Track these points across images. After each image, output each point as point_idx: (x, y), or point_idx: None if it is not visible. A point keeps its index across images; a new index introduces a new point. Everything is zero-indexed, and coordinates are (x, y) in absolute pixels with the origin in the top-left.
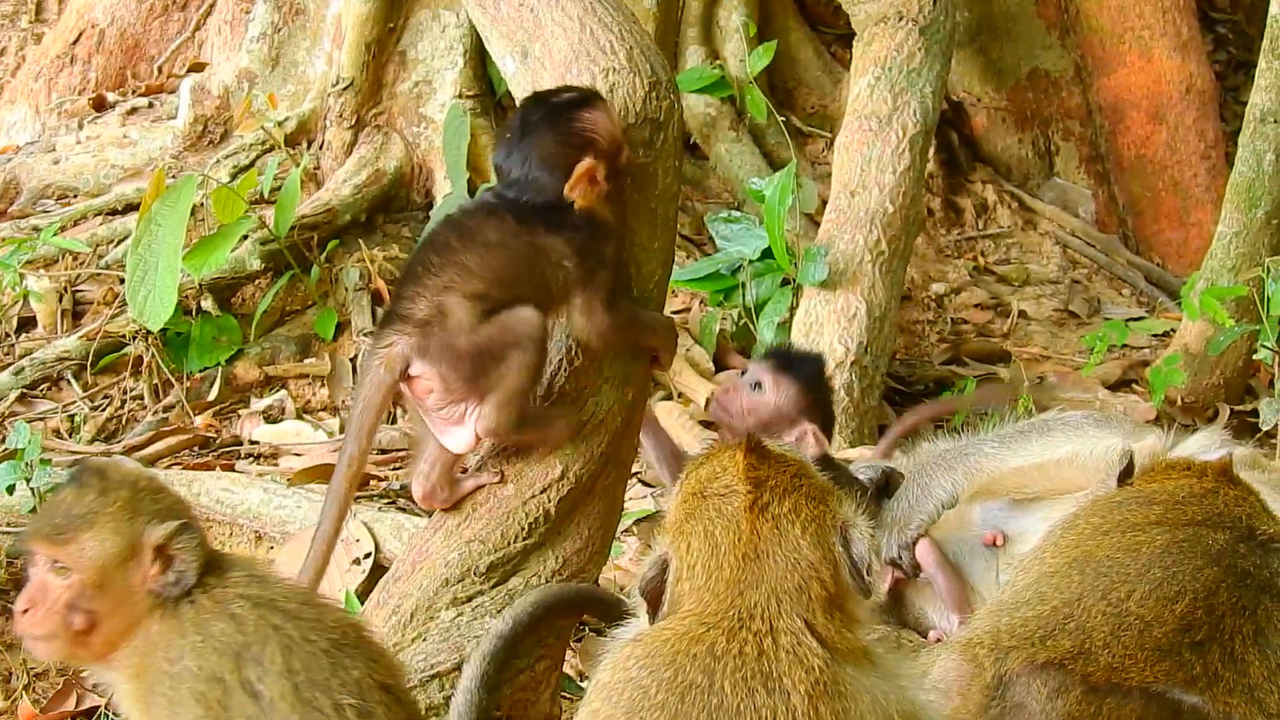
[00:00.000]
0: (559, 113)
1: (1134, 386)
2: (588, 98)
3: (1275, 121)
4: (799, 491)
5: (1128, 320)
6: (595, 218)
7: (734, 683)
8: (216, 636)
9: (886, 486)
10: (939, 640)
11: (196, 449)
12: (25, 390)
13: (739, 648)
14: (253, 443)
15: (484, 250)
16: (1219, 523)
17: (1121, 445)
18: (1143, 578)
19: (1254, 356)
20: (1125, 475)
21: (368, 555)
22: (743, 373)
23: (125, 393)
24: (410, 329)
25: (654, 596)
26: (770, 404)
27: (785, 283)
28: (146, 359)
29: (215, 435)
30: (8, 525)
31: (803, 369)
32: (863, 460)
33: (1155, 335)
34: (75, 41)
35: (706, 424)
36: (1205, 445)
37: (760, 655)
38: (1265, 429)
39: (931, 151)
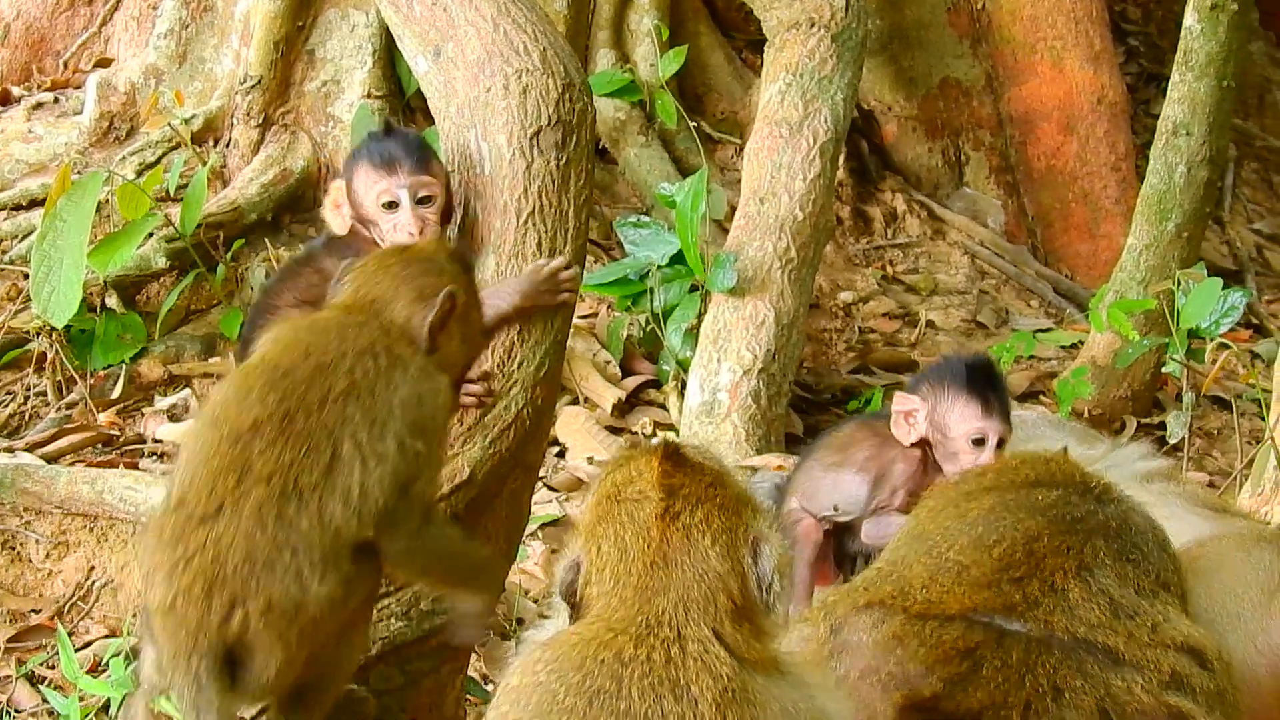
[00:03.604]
0: None
1: (1041, 398)
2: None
3: (1187, 134)
4: (712, 502)
5: (1036, 331)
6: (349, 240)
7: (642, 689)
8: None
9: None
10: None
11: (100, 447)
12: None
13: (646, 654)
14: (156, 441)
15: (288, 289)
16: (1051, 482)
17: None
18: (965, 534)
19: (1162, 370)
20: None
21: None
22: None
23: (28, 389)
24: None
25: (575, 598)
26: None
27: (694, 289)
28: (50, 355)
29: (119, 433)
30: None
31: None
32: (769, 470)
33: (1063, 347)
34: None
35: (613, 429)
36: (1133, 456)
37: (668, 662)
38: (1172, 442)
39: (842, 160)
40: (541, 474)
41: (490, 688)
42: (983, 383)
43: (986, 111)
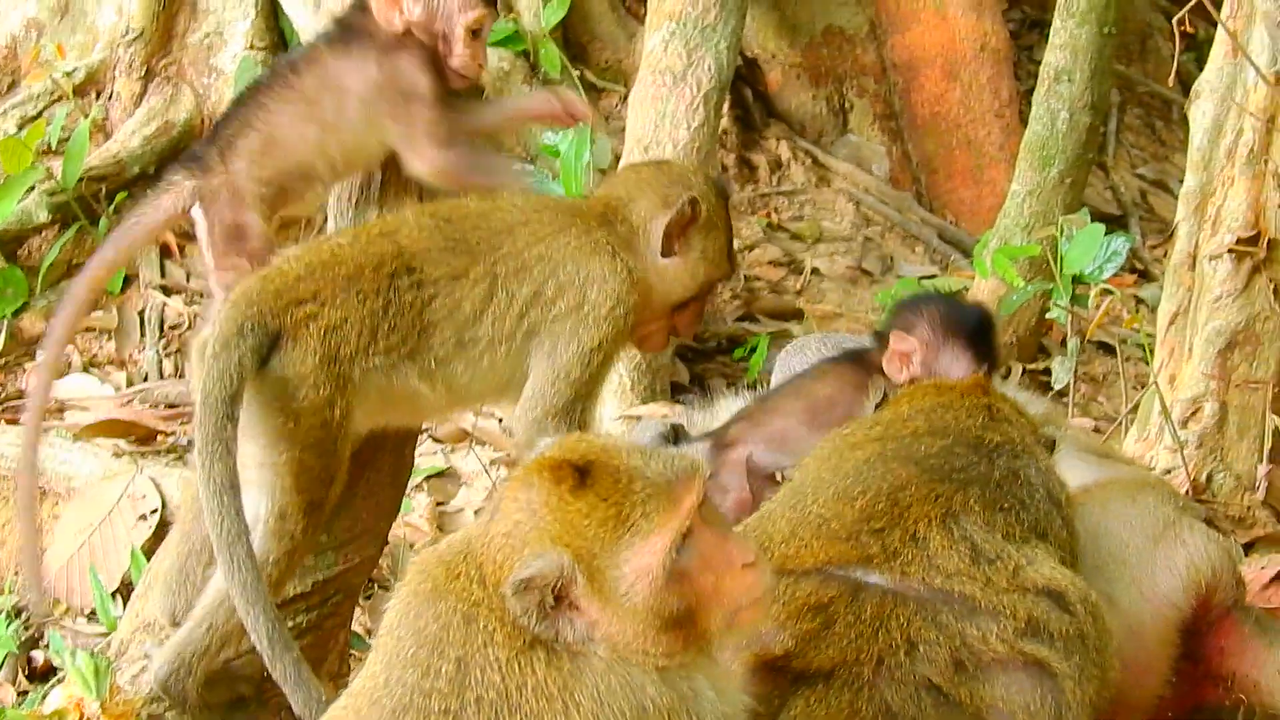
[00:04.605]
0: None
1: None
2: None
3: (1069, 80)
4: (542, 510)
5: (921, 278)
6: (405, 43)
7: (454, 627)
8: None
9: (676, 442)
10: None
11: None
12: None
13: (459, 590)
14: None
15: (273, 100)
16: (942, 432)
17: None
18: (833, 485)
19: (1046, 315)
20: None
21: (154, 511)
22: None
23: None
24: (198, 172)
25: None
26: None
27: None
28: None
29: (0, 389)
30: None
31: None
32: (652, 418)
33: (949, 292)
34: None
35: None
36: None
37: (472, 604)
38: (1057, 387)
39: (726, 108)
40: (426, 426)
41: (373, 641)
42: (987, 339)
43: (870, 59)
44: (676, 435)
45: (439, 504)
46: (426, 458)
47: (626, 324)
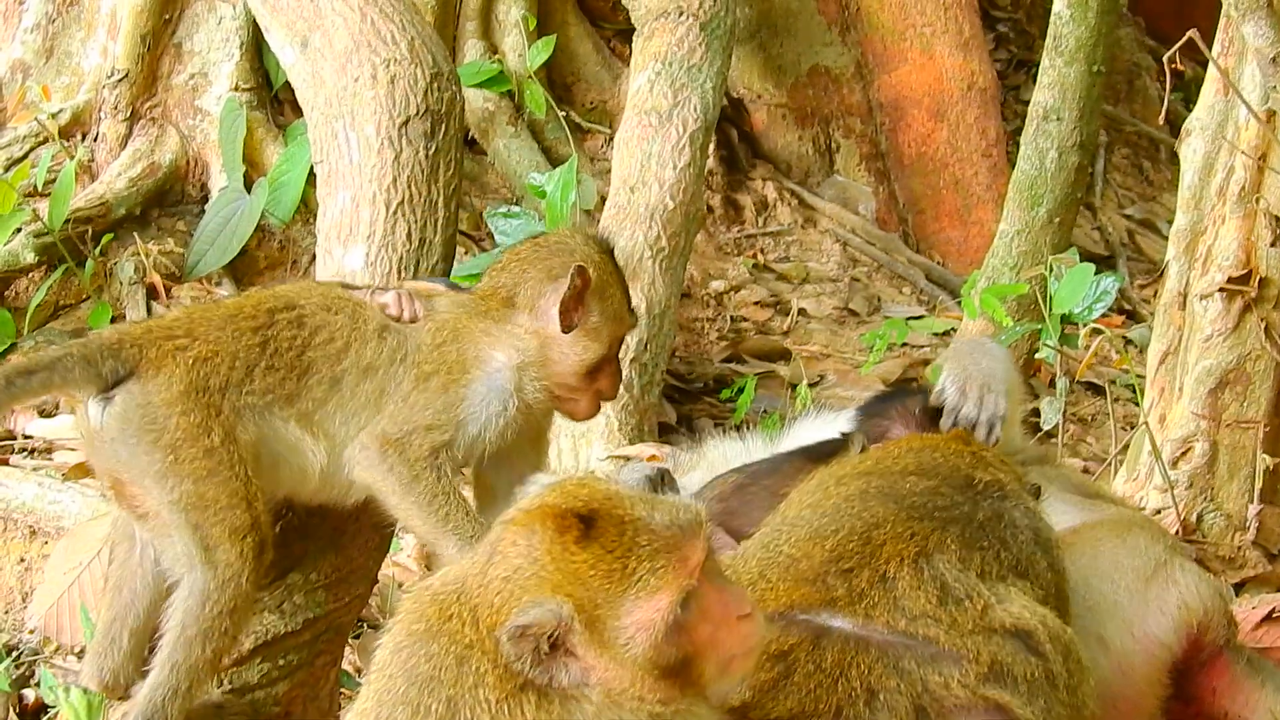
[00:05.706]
0: None
1: (914, 385)
2: None
3: (1058, 119)
4: (545, 558)
5: (908, 319)
6: None
7: (445, 664)
8: None
9: (662, 485)
10: None
11: None
12: None
13: (454, 629)
14: (27, 437)
15: None
16: (931, 473)
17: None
18: (808, 524)
19: (1035, 356)
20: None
21: None
22: None
23: None
24: None
25: None
26: None
27: None
28: None
29: None
30: None
31: None
32: (639, 460)
33: (936, 334)
34: None
35: None
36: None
37: (465, 646)
38: (1046, 428)
39: (711, 148)
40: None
41: (363, 680)
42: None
43: (856, 99)
44: (663, 479)
45: (424, 546)
46: None
47: None
